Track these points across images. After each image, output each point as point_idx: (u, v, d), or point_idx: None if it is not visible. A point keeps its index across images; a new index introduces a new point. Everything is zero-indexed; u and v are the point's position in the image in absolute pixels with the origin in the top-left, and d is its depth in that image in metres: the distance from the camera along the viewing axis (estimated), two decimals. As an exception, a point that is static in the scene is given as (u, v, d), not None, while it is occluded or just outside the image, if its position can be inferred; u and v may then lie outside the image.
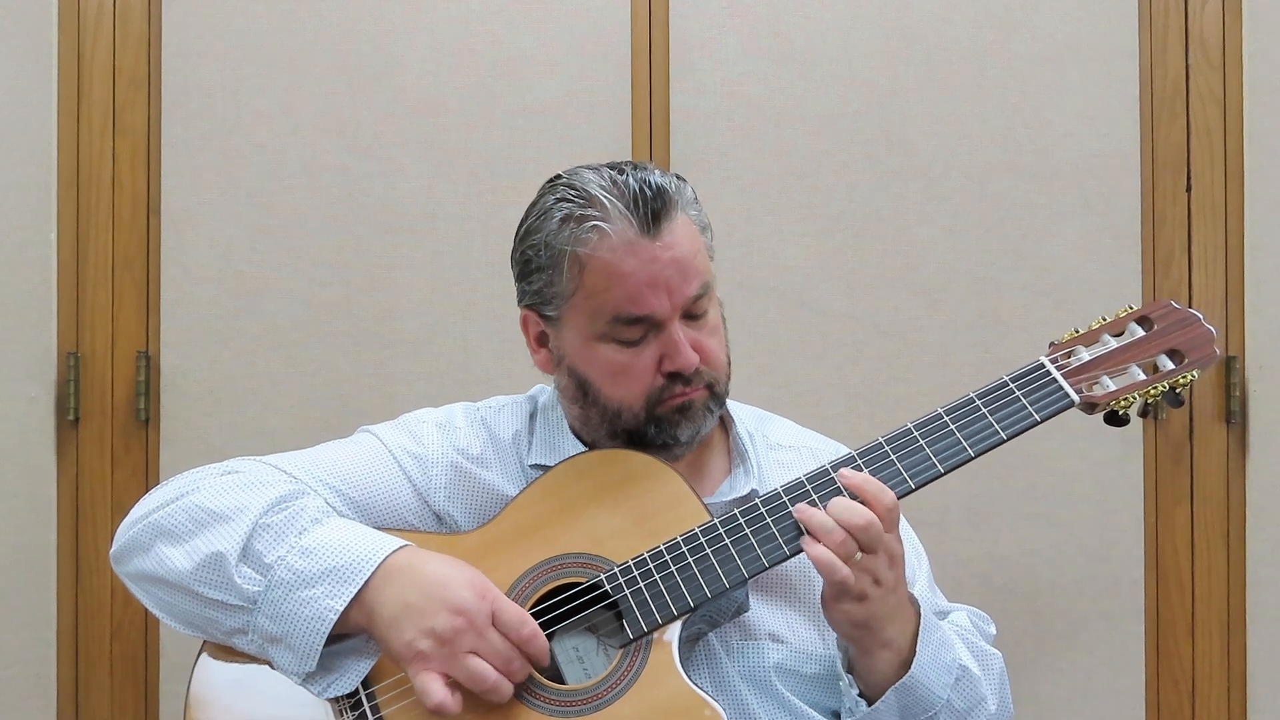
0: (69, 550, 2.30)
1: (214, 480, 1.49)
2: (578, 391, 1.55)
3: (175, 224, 2.32)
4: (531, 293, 1.56)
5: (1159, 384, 1.47)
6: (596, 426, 1.56)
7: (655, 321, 1.49)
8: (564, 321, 1.54)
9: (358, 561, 1.39)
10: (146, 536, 1.46)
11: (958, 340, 2.31)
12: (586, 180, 1.51)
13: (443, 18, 2.34)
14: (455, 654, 1.35)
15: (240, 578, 1.41)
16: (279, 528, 1.43)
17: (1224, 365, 2.27)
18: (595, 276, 1.48)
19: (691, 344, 1.50)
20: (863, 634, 1.42)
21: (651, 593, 1.42)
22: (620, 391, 1.52)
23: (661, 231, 1.48)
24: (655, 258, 1.47)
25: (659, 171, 1.52)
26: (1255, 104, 2.30)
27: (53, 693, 2.30)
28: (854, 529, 1.37)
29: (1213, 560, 2.29)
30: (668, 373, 1.50)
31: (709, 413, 1.54)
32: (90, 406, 2.31)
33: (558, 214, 1.51)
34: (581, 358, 1.53)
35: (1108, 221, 2.31)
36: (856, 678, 1.47)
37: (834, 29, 2.34)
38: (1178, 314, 1.50)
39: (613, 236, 1.47)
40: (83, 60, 2.31)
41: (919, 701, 1.43)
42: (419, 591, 1.37)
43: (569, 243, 1.49)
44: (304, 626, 1.38)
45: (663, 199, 1.48)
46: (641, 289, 1.47)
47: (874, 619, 1.41)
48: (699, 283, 1.50)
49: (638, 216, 1.47)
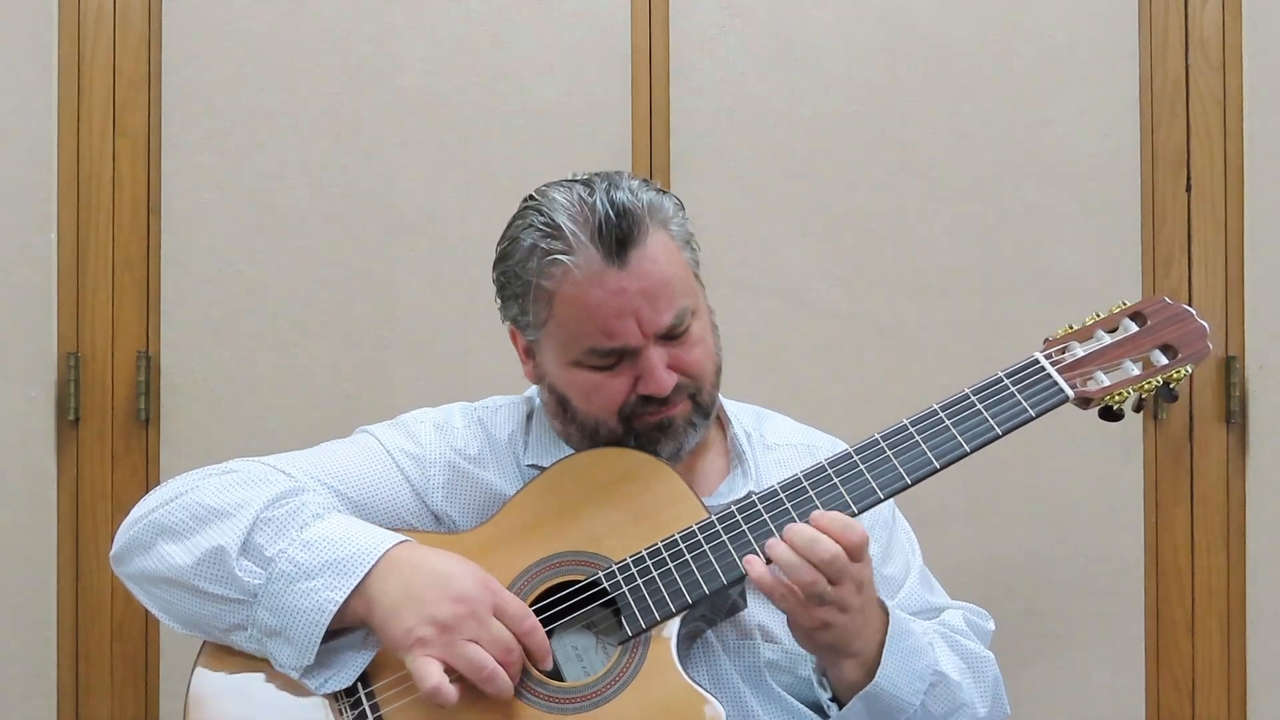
0: (69, 550, 2.30)
1: (214, 479, 1.49)
2: (558, 407, 1.57)
3: (175, 224, 2.32)
4: (510, 316, 1.58)
5: (1153, 379, 1.47)
6: (578, 441, 1.57)
7: (627, 350, 1.48)
8: (541, 344, 1.55)
9: (359, 554, 1.40)
10: (148, 535, 1.46)
11: (958, 340, 2.31)
12: (555, 206, 1.48)
13: (443, 18, 2.34)
14: (455, 641, 1.35)
15: (241, 571, 1.41)
16: (280, 522, 1.43)
17: (1224, 365, 2.27)
18: (564, 308, 1.48)
19: (671, 361, 1.49)
20: (828, 652, 1.43)
21: (649, 590, 1.42)
22: (594, 409, 1.52)
23: (629, 260, 1.45)
24: (623, 289, 1.45)
25: (633, 187, 1.49)
26: (1255, 104, 2.30)
27: (53, 693, 2.30)
28: (821, 564, 1.36)
29: (1213, 560, 2.28)
30: (642, 395, 1.50)
31: (692, 427, 1.54)
32: (90, 406, 2.31)
33: (525, 242, 1.50)
34: (559, 379, 1.54)
35: (1108, 221, 2.31)
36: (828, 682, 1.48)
37: (834, 29, 2.34)
38: (1171, 309, 1.51)
39: (575, 271, 1.45)
40: (83, 60, 2.31)
41: (887, 709, 1.43)
42: (421, 582, 1.37)
43: (535, 274, 1.48)
44: (303, 618, 1.38)
45: (630, 223, 1.45)
46: (610, 321, 1.46)
47: (839, 640, 1.41)
48: (673, 311, 1.48)
49: (603, 247, 1.44)
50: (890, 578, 1.61)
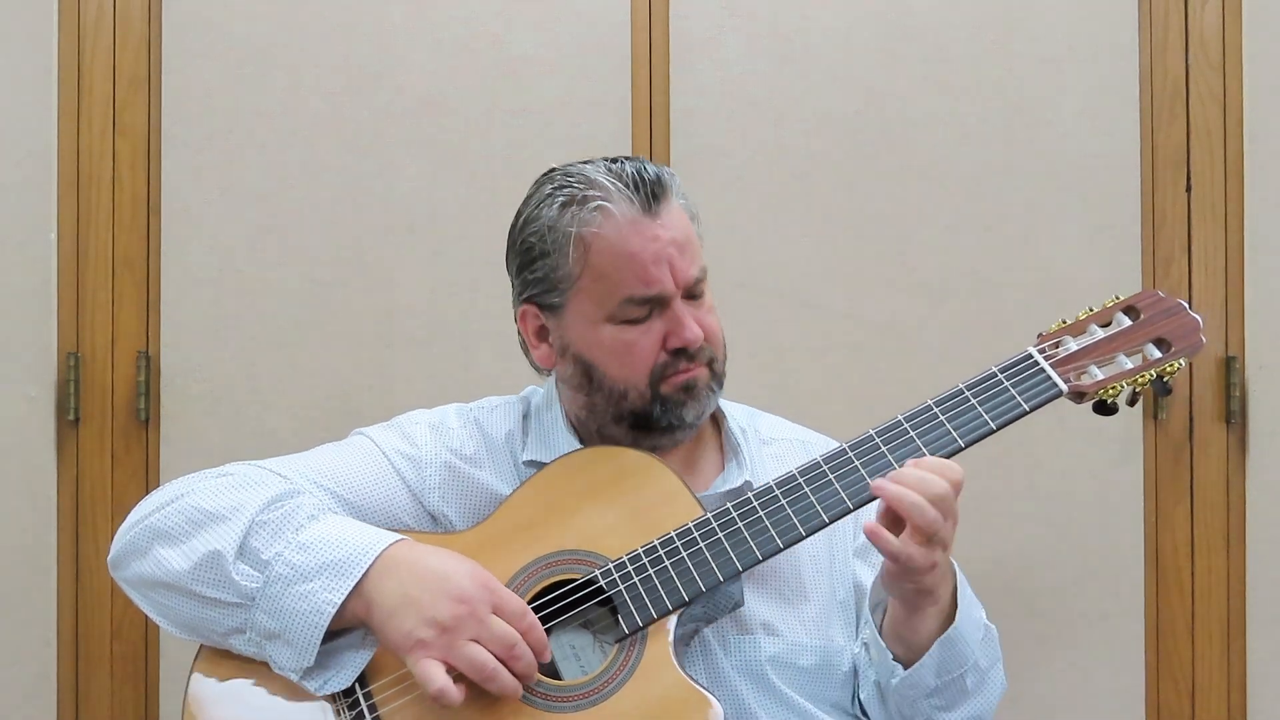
0: (69, 550, 2.30)
1: (209, 483, 1.49)
2: (583, 378, 1.56)
3: (175, 224, 2.33)
4: (533, 282, 1.57)
5: (1147, 372, 1.47)
6: (602, 412, 1.57)
7: (661, 299, 1.51)
8: (568, 307, 1.55)
9: (355, 555, 1.40)
10: (143, 540, 1.46)
11: (958, 340, 2.31)
12: (581, 168, 1.55)
13: (443, 18, 2.34)
14: (456, 642, 1.35)
15: (238, 575, 1.41)
16: (275, 524, 1.43)
17: (1224, 365, 2.27)
18: (601, 257, 1.51)
19: (695, 321, 1.53)
20: (922, 598, 1.42)
21: (646, 588, 1.42)
22: (626, 371, 1.53)
23: (661, 211, 1.51)
24: (658, 236, 1.50)
25: (652, 164, 1.55)
26: (1255, 104, 2.29)
27: (53, 693, 2.30)
28: (934, 499, 1.37)
29: (1213, 560, 2.28)
30: (673, 349, 1.52)
31: (711, 392, 1.57)
32: (90, 406, 2.31)
33: (559, 199, 1.53)
34: (587, 341, 1.55)
35: (1108, 221, 2.31)
36: (893, 642, 1.47)
37: (834, 29, 2.34)
38: (1164, 303, 1.52)
39: (617, 215, 1.50)
40: (83, 60, 2.31)
41: (956, 656, 1.44)
42: (419, 583, 1.37)
43: (572, 224, 1.52)
44: (302, 620, 1.38)
45: (660, 183, 1.52)
46: (648, 268, 1.50)
47: (938, 583, 1.41)
48: (698, 265, 1.54)
49: (639, 196, 1.50)
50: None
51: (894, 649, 1.47)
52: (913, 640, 1.46)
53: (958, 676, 1.46)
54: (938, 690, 1.46)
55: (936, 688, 1.46)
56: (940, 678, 1.45)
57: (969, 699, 1.48)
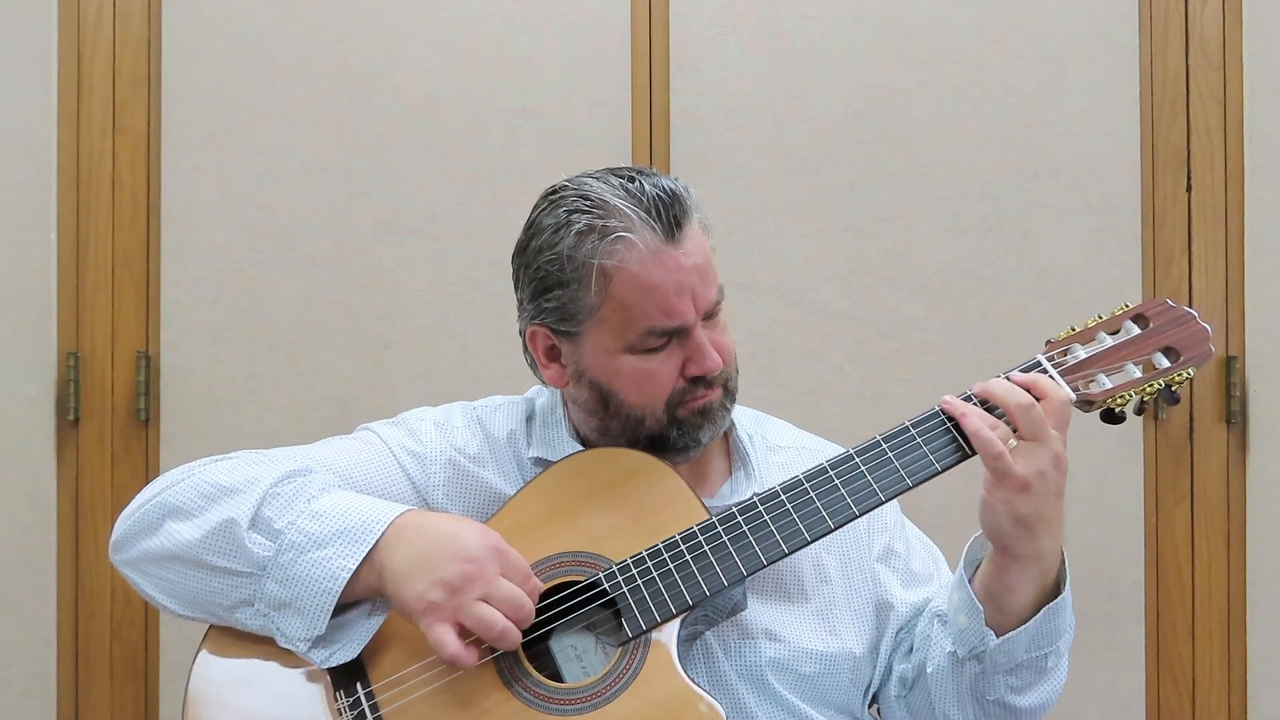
0: (69, 550, 2.30)
1: (218, 464, 1.49)
2: (598, 404, 1.54)
3: (175, 224, 2.33)
4: (549, 310, 1.52)
5: (1155, 381, 1.47)
6: (616, 435, 1.54)
7: (682, 329, 1.48)
8: (585, 335, 1.51)
9: (368, 522, 1.40)
10: (155, 515, 1.45)
11: (958, 340, 2.31)
12: (598, 190, 1.48)
13: (443, 18, 2.34)
14: (465, 601, 1.35)
15: (250, 543, 1.40)
16: (289, 496, 1.43)
17: (1224, 365, 2.27)
18: (623, 289, 1.46)
19: (712, 345, 1.50)
20: (1021, 533, 1.40)
21: (650, 591, 1.42)
22: (644, 399, 1.50)
23: (683, 238, 1.46)
24: (680, 265, 1.45)
25: (664, 176, 1.50)
26: (1255, 104, 2.30)
27: (53, 693, 2.30)
28: (1015, 409, 1.36)
29: (1213, 560, 2.28)
30: (691, 377, 1.50)
31: (725, 411, 1.54)
32: (90, 406, 2.31)
33: (575, 225, 1.47)
34: (604, 369, 1.51)
35: (1108, 221, 2.31)
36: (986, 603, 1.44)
37: (834, 29, 2.34)
38: (1173, 312, 1.51)
39: (640, 246, 1.45)
40: (83, 60, 2.31)
41: (1053, 629, 1.43)
42: (430, 545, 1.37)
43: (593, 255, 1.46)
44: (315, 588, 1.38)
45: (680, 205, 1.47)
46: (670, 300, 1.46)
47: (1036, 517, 1.39)
48: (716, 286, 1.50)
49: (661, 224, 1.45)
50: (919, 574, 1.61)
51: (987, 609, 1.44)
52: (1007, 601, 1.42)
53: (1043, 655, 1.44)
54: (1021, 666, 1.44)
55: (1022, 663, 1.44)
56: (1029, 651, 1.43)
57: (1042, 682, 1.47)
